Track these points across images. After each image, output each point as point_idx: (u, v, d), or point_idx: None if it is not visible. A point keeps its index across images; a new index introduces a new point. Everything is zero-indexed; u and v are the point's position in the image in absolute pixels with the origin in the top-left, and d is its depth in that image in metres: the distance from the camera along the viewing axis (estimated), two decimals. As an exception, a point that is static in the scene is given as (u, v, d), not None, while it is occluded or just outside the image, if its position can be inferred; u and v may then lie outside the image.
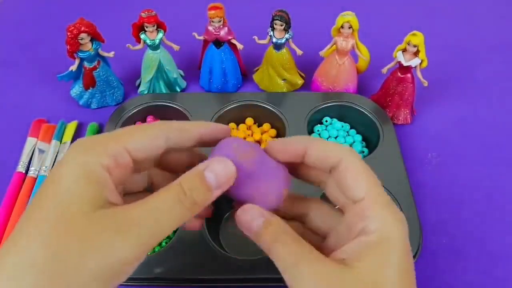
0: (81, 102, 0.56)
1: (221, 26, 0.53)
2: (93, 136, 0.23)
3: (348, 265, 0.22)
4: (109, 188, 0.22)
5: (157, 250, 0.42)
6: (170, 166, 0.28)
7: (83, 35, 0.49)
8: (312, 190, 0.31)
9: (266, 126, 0.53)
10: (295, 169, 0.28)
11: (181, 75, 0.60)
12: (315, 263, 0.22)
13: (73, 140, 0.52)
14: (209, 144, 0.27)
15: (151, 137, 0.24)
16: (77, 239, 0.20)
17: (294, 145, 0.26)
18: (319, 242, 0.27)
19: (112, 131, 0.24)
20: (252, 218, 0.24)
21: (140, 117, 0.53)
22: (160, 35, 0.53)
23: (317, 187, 0.28)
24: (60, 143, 0.52)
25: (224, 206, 0.45)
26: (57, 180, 0.21)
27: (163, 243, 0.43)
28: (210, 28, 0.53)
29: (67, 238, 0.20)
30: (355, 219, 0.24)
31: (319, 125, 0.54)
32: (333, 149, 0.25)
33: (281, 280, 0.23)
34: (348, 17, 0.50)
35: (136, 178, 0.27)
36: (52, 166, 0.49)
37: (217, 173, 0.23)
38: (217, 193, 0.23)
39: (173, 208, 0.22)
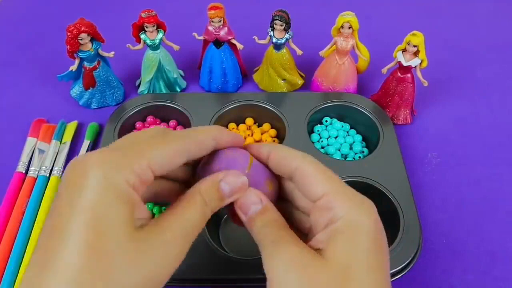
0: (81, 102, 0.56)
1: (221, 26, 0.53)
2: (119, 152, 0.22)
3: (321, 254, 0.23)
4: (138, 205, 0.22)
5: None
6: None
7: (83, 35, 0.49)
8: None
9: (266, 126, 0.53)
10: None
11: (181, 75, 0.60)
12: (292, 246, 0.23)
13: (73, 140, 0.52)
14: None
15: (174, 154, 0.24)
16: (123, 259, 0.20)
17: (261, 150, 0.28)
18: None
19: (133, 144, 0.23)
20: (251, 202, 0.26)
21: (140, 117, 0.53)
22: (160, 35, 0.53)
23: None
24: (60, 143, 0.52)
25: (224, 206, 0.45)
26: (88, 198, 0.20)
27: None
28: (210, 28, 0.53)
29: (110, 260, 0.20)
30: (320, 213, 0.25)
31: (319, 125, 0.54)
32: (290, 156, 0.27)
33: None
34: (348, 17, 0.50)
35: None
36: (52, 166, 0.49)
37: (231, 185, 0.25)
38: (228, 201, 0.25)
39: (200, 218, 0.24)
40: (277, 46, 0.54)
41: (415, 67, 0.50)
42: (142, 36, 0.53)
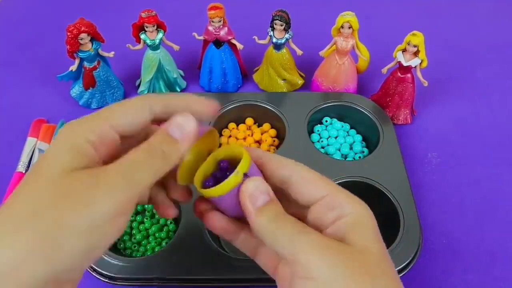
0: (81, 102, 0.57)
1: (221, 26, 0.53)
2: (81, 118, 0.24)
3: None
4: (93, 160, 0.23)
5: (157, 250, 0.42)
6: None
7: (83, 35, 0.49)
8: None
9: (266, 126, 0.53)
10: None
11: (181, 75, 0.60)
12: (316, 234, 0.24)
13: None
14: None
15: (134, 110, 0.25)
16: (59, 196, 0.21)
17: (253, 153, 0.28)
18: None
19: (97, 111, 0.25)
20: (261, 192, 0.25)
21: (140, 117, 0.53)
22: (160, 35, 0.53)
23: None
24: (60, 143, 0.52)
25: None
26: (47, 153, 0.23)
27: (163, 243, 0.43)
28: (210, 28, 0.53)
29: (49, 196, 0.21)
30: (324, 213, 0.25)
31: (319, 125, 0.54)
32: (285, 162, 0.27)
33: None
34: (348, 17, 0.50)
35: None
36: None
37: (180, 126, 0.25)
38: (184, 144, 0.25)
39: (146, 159, 0.23)
40: (277, 46, 0.54)
41: (415, 67, 0.50)
42: (142, 36, 0.53)
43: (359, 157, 0.50)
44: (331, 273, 0.22)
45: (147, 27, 0.52)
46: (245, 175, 0.25)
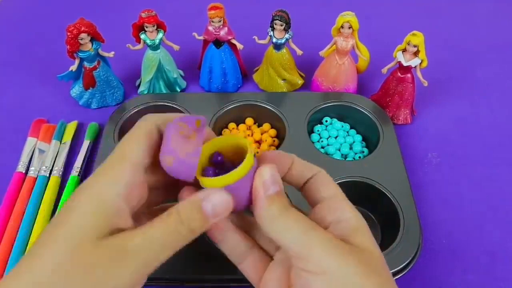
0: (81, 102, 0.57)
1: (221, 26, 0.53)
2: (103, 169, 0.24)
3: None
4: (122, 215, 0.23)
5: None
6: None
7: (83, 35, 0.49)
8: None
9: (266, 126, 0.53)
10: None
11: (181, 75, 0.60)
12: (327, 232, 0.24)
13: (73, 140, 0.52)
14: None
15: (144, 138, 0.25)
16: (81, 269, 0.21)
17: (284, 158, 0.28)
18: None
19: (113, 154, 0.24)
20: (272, 181, 0.25)
21: (140, 117, 0.53)
22: (160, 35, 0.53)
23: None
24: (60, 143, 0.52)
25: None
26: (72, 209, 0.22)
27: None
28: (210, 28, 0.53)
29: (72, 268, 0.21)
30: (326, 213, 0.26)
31: (319, 125, 0.54)
32: (312, 165, 0.28)
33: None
34: (348, 17, 0.50)
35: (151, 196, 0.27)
36: (52, 166, 0.49)
37: (214, 203, 0.24)
38: (213, 221, 0.24)
39: (169, 237, 0.23)
40: (277, 46, 0.54)
41: (415, 67, 0.50)
42: (142, 36, 0.53)
43: (359, 157, 0.50)
44: (344, 270, 0.23)
45: (147, 27, 0.52)
46: (254, 157, 0.25)
